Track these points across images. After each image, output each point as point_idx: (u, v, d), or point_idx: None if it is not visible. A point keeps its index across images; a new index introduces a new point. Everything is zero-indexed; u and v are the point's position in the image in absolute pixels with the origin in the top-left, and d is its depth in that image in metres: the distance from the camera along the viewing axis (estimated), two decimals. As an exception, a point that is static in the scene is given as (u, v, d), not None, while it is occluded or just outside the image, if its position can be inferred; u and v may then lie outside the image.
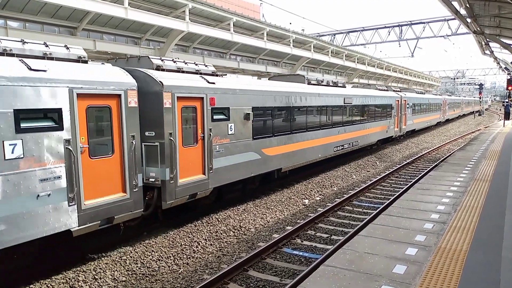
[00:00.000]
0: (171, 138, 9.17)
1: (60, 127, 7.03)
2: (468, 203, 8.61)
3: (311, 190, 14.55)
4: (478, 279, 5.04)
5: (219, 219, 10.85)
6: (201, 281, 7.42)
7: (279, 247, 9.10)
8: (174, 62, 10.35)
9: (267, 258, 8.56)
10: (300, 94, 14.73)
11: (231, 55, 25.01)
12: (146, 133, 9.07)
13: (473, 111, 70.60)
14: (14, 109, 6.33)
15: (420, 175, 16.37)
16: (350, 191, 14.42)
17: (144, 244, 9.01)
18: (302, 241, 9.55)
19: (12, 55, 7.01)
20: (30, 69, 6.69)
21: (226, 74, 13.39)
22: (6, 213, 6.26)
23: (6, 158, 6.25)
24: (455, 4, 13.07)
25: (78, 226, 7.33)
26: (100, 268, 7.84)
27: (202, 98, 10.09)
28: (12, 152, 6.33)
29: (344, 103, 18.33)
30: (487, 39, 20.71)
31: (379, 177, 16.40)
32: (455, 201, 8.80)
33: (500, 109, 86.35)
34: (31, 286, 7.11)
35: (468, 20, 15.21)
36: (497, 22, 16.09)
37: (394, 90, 27.98)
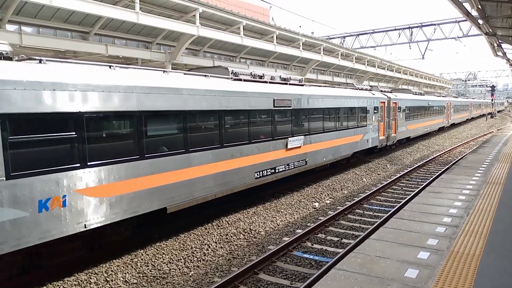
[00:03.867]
0: (390, 118, 22.91)
1: (378, 113, 20.97)
2: (480, 206, 8.50)
3: (321, 193, 14.50)
4: (492, 283, 4.98)
5: (229, 222, 10.87)
6: (211, 283, 7.44)
7: (290, 250, 9.08)
8: (382, 89, 24.57)
9: (278, 261, 8.55)
10: (414, 100, 28.37)
11: (241, 59, 25.10)
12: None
13: (490, 112, 71.91)
14: (374, 106, 20.43)
15: (432, 178, 16.21)
16: (360, 194, 14.34)
17: (155, 247, 9.07)
18: (312, 245, 9.52)
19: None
20: (373, 94, 20.91)
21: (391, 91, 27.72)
22: (372, 136, 20.40)
23: (373, 120, 20.32)
24: (467, 5, 12.93)
25: (379, 146, 21.53)
26: (111, 270, 7.91)
27: (396, 102, 24.02)
28: (372, 119, 20.27)
29: (428, 105, 32.22)
30: (500, 41, 20.46)
31: (390, 180, 16.28)
32: (468, 205, 8.70)
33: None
34: (44, 287, 7.20)
35: (480, 21, 15.04)
36: (509, 23, 15.87)
37: (443, 96, 43.37)
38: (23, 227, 6.34)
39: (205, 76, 10.73)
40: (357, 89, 20.34)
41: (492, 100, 73.19)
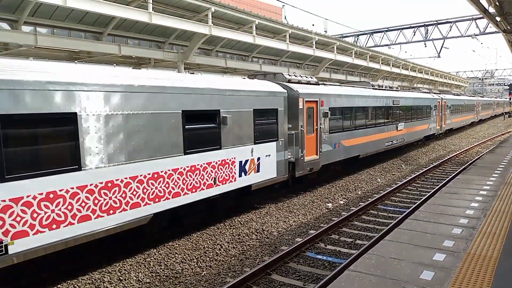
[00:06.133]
0: (442, 113, 30.92)
1: (436, 109, 29.09)
2: (498, 207, 8.31)
3: (335, 194, 14.38)
4: (510, 286, 4.85)
5: (242, 222, 10.85)
6: (224, 284, 7.42)
7: (302, 251, 9.02)
8: (434, 91, 33.15)
9: (290, 262, 8.50)
10: (455, 99, 35.72)
11: (253, 58, 25.04)
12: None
13: (508, 111, 71.50)
14: (434, 105, 28.66)
15: (448, 179, 15.95)
16: (375, 195, 14.18)
17: (168, 246, 9.09)
18: (325, 246, 9.43)
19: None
20: (433, 96, 29.85)
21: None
22: (433, 126, 28.44)
23: (434, 114, 28.60)
24: (484, 2, 12.69)
25: (436, 133, 29.58)
26: (124, 270, 7.95)
27: (445, 101, 31.95)
28: (433, 114, 28.47)
29: (464, 103, 39.28)
30: (518, 38, 20.01)
31: (405, 180, 16.07)
32: (485, 206, 8.51)
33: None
34: (58, 286, 7.27)
35: (497, 18, 14.75)
36: (528, 20, 15.51)
37: (472, 95, 51.83)
38: (332, 154, 15.23)
39: (364, 88, 19.07)
40: (423, 92, 28.95)
41: (510, 99, 71.72)
